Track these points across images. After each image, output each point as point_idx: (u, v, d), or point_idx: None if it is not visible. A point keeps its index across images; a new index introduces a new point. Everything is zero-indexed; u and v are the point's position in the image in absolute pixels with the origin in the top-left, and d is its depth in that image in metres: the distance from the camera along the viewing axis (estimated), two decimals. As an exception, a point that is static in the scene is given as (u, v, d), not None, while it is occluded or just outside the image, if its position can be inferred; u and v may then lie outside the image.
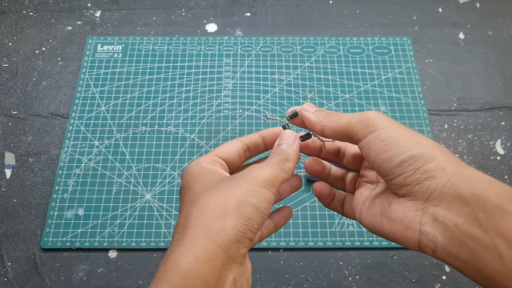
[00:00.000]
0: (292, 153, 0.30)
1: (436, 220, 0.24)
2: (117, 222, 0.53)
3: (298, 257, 0.51)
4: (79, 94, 0.62)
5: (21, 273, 0.50)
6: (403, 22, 0.69)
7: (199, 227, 0.24)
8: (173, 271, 0.23)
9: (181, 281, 0.23)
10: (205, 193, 0.26)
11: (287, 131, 0.31)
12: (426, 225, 0.25)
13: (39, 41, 0.67)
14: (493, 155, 0.58)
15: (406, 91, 0.62)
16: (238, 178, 0.27)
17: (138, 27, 0.69)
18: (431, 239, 0.25)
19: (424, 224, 0.25)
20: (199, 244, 0.24)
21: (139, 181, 0.55)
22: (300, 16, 0.70)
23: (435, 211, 0.24)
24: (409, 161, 0.25)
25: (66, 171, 0.56)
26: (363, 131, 0.27)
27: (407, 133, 0.26)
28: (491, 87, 0.63)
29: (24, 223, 0.53)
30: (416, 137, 0.26)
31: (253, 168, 0.27)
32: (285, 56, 0.65)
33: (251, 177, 0.26)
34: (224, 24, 0.69)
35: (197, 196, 0.27)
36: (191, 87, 0.63)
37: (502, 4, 0.71)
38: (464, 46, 0.67)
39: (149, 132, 0.59)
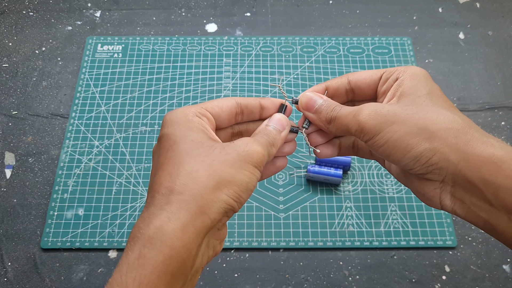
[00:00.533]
0: (279, 140, 0.29)
1: (454, 197, 0.26)
2: (117, 222, 0.53)
3: (298, 257, 0.51)
4: (79, 94, 0.62)
5: (21, 273, 0.50)
6: (403, 22, 0.69)
7: (190, 195, 0.24)
8: (159, 238, 0.22)
9: (167, 249, 0.22)
10: (195, 155, 0.25)
11: (280, 116, 0.30)
12: (445, 200, 0.27)
13: (39, 41, 0.67)
14: None
15: (406, 91, 0.62)
16: (232, 150, 0.26)
17: (138, 27, 0.69)
18: (451, 210, 0.27)
19: (444, 199, 0.27)
20: (189, 213, 0.23)
21: (139, 181, 0.55)
22: (300, 16, 0.70)
23: (451, 190, 0.26)
24: (413, 162, 0.26)
25: (66, 171, 0.56)
26: (362, 137, 0.28)
27: (403, 128, 0.26)
28: (491, 87, 0.63)
29: (24, 223, 0.53)
30: (414, 129, 0.26)
31: (247, 143, 0.27)
32: (285, 56, 0.65)
33: (246, 154, 0.26)
34: (224, 24, 0.69)
35: (184, 156, 0.25)
36: (191, 87, 0.63)
37: (502, 4, 0.71)
38: (464, 46, 0.67)
39: (149, 132, 0.59)
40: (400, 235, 0.52)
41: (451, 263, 0.51)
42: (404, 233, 0.52)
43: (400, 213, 0.53)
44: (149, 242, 0.22)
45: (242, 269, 0.51)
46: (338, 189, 0.55)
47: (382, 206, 0.54)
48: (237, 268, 0.51)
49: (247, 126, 0.32)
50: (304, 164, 0.57)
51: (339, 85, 0.32)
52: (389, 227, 0.53)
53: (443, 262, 0.51)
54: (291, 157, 0.57)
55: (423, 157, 0.26)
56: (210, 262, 0.51)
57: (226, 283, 0.50)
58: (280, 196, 0.55)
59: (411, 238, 0.52)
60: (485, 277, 0.50)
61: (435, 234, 0.52)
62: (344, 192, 0.55)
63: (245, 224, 0.53)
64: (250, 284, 0.50)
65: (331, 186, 0.55)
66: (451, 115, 0.26)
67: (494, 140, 0.25)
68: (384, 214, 0.53)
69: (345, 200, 0.54)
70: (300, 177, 0.56)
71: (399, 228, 0.53)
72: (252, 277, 0.50)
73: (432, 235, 0.52)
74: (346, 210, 0.54)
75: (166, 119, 0.28)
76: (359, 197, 0.55)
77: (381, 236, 0.52)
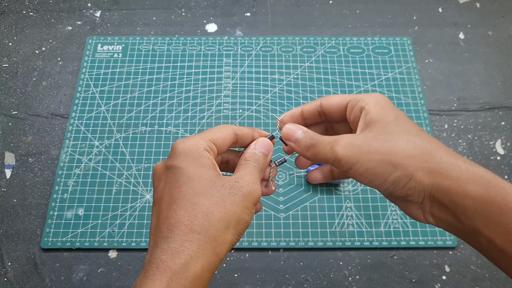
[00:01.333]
0: (266, 164, 0.33)
1: (434, 216, 0.29)
2: (117, 222, 0.53)
3: (298, 257, 0.51)
4: (79, 94, 0.62)
5: (21, 273, 0.50)
6: (403, 22, 0.69)
7: (207, 237, 0.27)
8: (184, 275, 0.26)
9: (190, 285, 0.26)
10: (209, 196, 0.28)
11: (265, 140, 0.34)
12: (428, 218, 0.29)
13: (39, 41, 0.67)
14: (493, 155, 0.58)
15: (406, 91, 0.62)
16: (238, 191, 0.29)
17: (138, 27, 0.69)
18: (436, 225, 0.29)
19: (427, 217, 0.29)
20: (206, 254, 0.27)
21: (139, 181, 0.55)
22: (300, 16, 0.70)
23: (431, 210, 0.28)
24: (392, 186, 0.28)
25: (66, 171, 0.56)
26: (341, 168, 0.29)
27: (378, 156, 0.28)
28: (491, 87, 0.63)
29: (24, 223, 0.53)
30: (388, 157, 0.28)
31: (249, 183, 0.30)
32: (285, 56, 0.65)
33: (248, 194, 0.29)
34: (224, 24, 0.69)
35: (200, 196, 0.28)
36: (191, 87, 0.63)
37: (502, 4, 0.71)
38: (464, 46, 0.67)
39: (149, 132, 0.59)
40: (400, 235, 0.52)
41: (451, 263, 0.51)
42: (404, 233, 0.52)
43: (400, 213, 0.53)
44: (176, 277, 0.25)
45: (242, 269, 0.51)
46: (338, 189, 0.55)
47: (382, 206, 0.54)
48: (237, 268, 0.51)
49: (233, 155, 0.36)
50: (304, 164, 0.57)
51: (312, 108, 0.34)
52: (389, 227, 0.53)
53: (443, 262, 0.51)
54: (292, 157, 0.57)
55: (400, 182, 0.27)
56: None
57: (226, 283, 0.50)
58: (280, 196, 0.55)
59: (411, 238, 0.52)
60: (485, 277, 0.50)
61: (435, 234, 0.52)
62: (344, 192, 0.55)
63: (245, 224, 0.53)
64: (250, 284, 0.50)
65: (331, 186, 0.55)
66: (420, 141, 0.28)
67: (461, 161, 0.27)
68: (384, 214, 0.53)
69: (345, 200, 0.54)
70: (300, 177, 0.56)
71: (399, 228, 0.53)
72: (252, 277, 0.50)
73: (432, 235, 0.52)
74: (346, 210, 0.54)
75: (178, 149, 0.30)
76: (359, 197, 0.55)
77: (381, 236, 0.52)
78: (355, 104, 0.32)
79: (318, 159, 0.31)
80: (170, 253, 0.26)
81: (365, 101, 0.31)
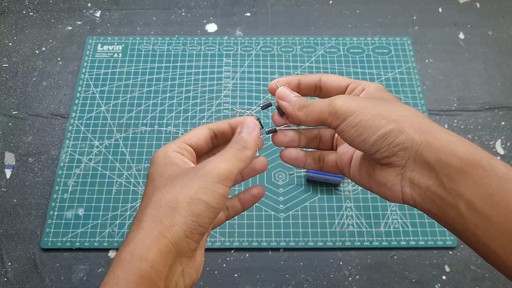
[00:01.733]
0: (251, 141, 0.31)
1: (413, 183, 0.28)
2: (117, 222, 0.53)
3: (298, 257, 0.51)
4: (79, 94, 0.62)
5: (21, 273, 0.50)
6: (403, 22, 0.69)
7: (152, 223, 0.27)
8: (128, 260, 0.25)
9: (136, 269, 0.25)
10: (162, 188, 0.28)
11: (248, 118, 0.32)
12: (405, 187, 0.29)
13: (39, 41, 0.67)
14: (493, 155, 0.58)
15: (406, 91, 0.62)
16: (192, 174, 0.28)
17: (138, 27, 0.69)
18: (410, 198, 0.29)
19: (404, 186, 0.29)
20: (152, 238, 0.26)
21: (139, 181, 0.55)
22: (300, 16, 0.70)
23: (411, 175, 0.28)
24: (381, 140, 0.28)
25: (66, 171, 0.56)
26: (335, 121, 0.29)
27: (374, 111, 0.28)
28: (491, 87, 0.63)
29: (24, 223, 0.53)
30: (384, 112, 0.28)
31: (208, 162, 0.28)
32: (285, 56, 0.65)
33: (204, 173, 0.28)
34: (224, 24, 0.69)
35: (155, 191, 0.28)
36: (191, 87, 0.63)
37: (502, 4, 0.71)
38: (464, 46, 0.67)
39: (149, 132, 0.59)
40: (400, 235, 0.52)
41: (451, 263, 0.51)
42: (404, 233, 0.52)
43: (400, 213, 0.53)
44: (120, 264, 0.26)
45: (242, 269, 0.51)
46: (338, 189, 0.55)
47: (382, 206, 0.54)
48: (237, 268, 0.51)
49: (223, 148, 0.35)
50: (304, 164, 0.57)
51: (310, 81, 0.34)
52: (389, 227, 0.53)
53: (443, 262, 0.51)
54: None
55: (390, 135, 0.28)
56: (210, 262, 0.51)
57: (226, 283, 0.50)
58: (280, 196, 0.55)
59: (411, 238, 0.52)
60: (485, 277, 0.50)
61: (435, 234, 0.52)
62: (344, 192, 0.55)
63: (245, 224, 0.53)
64: (250, 284, 0.50)
65: (331, 186, 0.55)
66: (415, 110, 0.29)
67: (452, 132, 0.28)
68: (384, 214, 0.53)
69: (345, 200, 0.54)
70: (300, 177, 0.56)
71: (399, 228, 0.53)
72: (252, 277, 0.50)
73: (432, 235, 0.52)
74: (346, 210, 0.54)
75: (152, 159, 0.31)
76: (359, 197, 0.54)
77: (381, 236, 0.52)
78: (356, 86, 0.33)
79: (310, 118, 0.31)
80: (122, 246, 0.27)
81: (367, 85, 0.32)
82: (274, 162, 0.57)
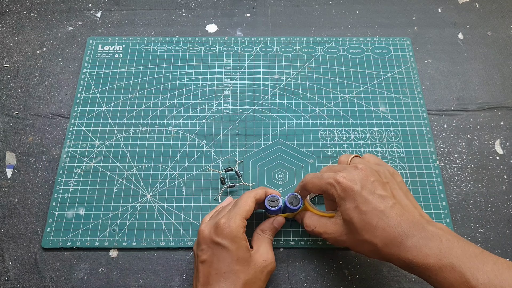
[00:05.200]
0: (276, 232, 0.50)
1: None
2: (118, 221, 0.53)
3: (298, 256, 0.52)
4: (79, 94, 0.62)
5: (22, 273, 0.50)
6: (402, 23, 0.70)
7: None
8: None
9: None
10: (246, 273, 0.41)
11: (282, 219, 0.49)
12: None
13: (40, 41, 0.67)
14: (492, 155, 0.58)
15: (405, 91, 0.63)
16: (264, 268, 0.44)
17: (139, 27, 0.69)
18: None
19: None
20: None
21: (139, 181, 0.56)
22: (300, 16, 0.70)
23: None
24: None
25: (67, 171, 0.56)
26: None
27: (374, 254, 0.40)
28: (490, 87, 0.64)
29: (25, 223, 0.53)
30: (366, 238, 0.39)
31: (271, 261, 0.45)
32: (285, 57, 0.66)
33: (270, 270, 0.45)
34: (224, 24, 0.69)
35: (240, 273, 0.41)
36: (191, 87, 0.63)
37: (501, 5, 0.71)
38: (464, 46, 0.67)
39: (149, 132, 0.59)
40: (400, 234, 0.52)
41: (451, 262, 0.51)
42: (403, 233, 0.52)
43: (399, 212, 0.54)
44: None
45: (242, 269, 0.51)
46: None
47: (382, 206, 0.54)
48: (237, 268, 0.51)
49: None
50: (304, 164, 0.57)
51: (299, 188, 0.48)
52: (389, 226, 0.53)
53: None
54: (292, 157, 0.57)
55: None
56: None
57: (226, 283, 0.50)
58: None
59: (411, 237, 0.52)
60: (484, 276, 0.51)
61: (435, 234, 0.52)
62: (344, 192, 0.55)
63: (245, 224, 0.53)
64: (250, 283, 0.50)
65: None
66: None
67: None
68: (383, 213, 0.53)
69: (345, 199, 0.54)
70: (300, 177, 0.56)
71: (398, 227, 0.53)
72: (252, 277, 0.50)
73: (431, 234, 0.52)
74: (346, 210, 0.54)
75: (225, 232, 0.41)
76: (358, 197, 0.55)
77: (381, 235, 0.52)
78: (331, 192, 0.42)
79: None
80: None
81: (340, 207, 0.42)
82: (274, 162, 0.57)
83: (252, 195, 0.45)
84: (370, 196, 0.38)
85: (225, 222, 0.42)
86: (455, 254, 0.34)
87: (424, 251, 0.35)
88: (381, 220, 0.37)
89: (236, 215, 0.42)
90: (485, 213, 0.54)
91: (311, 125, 0.60)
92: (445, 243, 0.35)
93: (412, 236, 0.36)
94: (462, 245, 0.35)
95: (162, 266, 0.51)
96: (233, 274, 0.40)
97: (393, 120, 0.60)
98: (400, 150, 0.58)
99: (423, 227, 0.36)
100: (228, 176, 0.56)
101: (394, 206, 0.38)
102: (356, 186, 0.39)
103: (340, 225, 0.41)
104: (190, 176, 0.56)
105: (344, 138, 0.59)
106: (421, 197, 0.54)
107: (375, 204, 0.38)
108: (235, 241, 0.41)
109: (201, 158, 0.57)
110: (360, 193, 0.38)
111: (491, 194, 0.55)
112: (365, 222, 0.38)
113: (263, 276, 0.43)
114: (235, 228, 0.41)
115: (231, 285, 0.39)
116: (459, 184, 0.56)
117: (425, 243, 0.35)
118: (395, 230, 0.36)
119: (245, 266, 0.41)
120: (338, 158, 0.47)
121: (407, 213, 0.38)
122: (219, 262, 0.40)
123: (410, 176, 0.56)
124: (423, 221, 0.37)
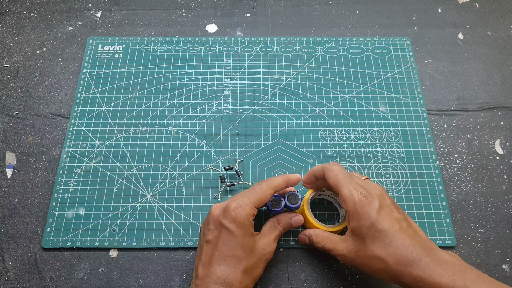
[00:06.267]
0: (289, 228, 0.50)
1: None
2: (118, 221, 0.53)
3: (298, 256, 0.52)
4: (79, 94, 0.62)
5: (22, 273, 0.50)
6: (402, 23, 0.70)
7: (227, 286, 0.40)
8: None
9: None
10: (248, 260, 0.42)
11: (300, 220, 0.49)
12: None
13: (40, 41, 0.67)
14: (492, 155, 0.58)
15: (405, 91, 0.63)
16: (263, 256, 0.44)
17: (139, 27, 0.69)
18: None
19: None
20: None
21: (139, 181, 0.56)
22: (300, 16, 0.70)
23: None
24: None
25: (67, 171, 0.56)
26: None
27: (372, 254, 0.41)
28: (490, 87, 0.64)
29: (25, 223, 0.53)
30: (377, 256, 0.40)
31: (272, 250, 0.46)
32: (285, 57, 0.66)
33: (268, 259, 0.46)
34: (224, 24, 0.69)
35: (242, 259, 0.42)
36: (191, 87, 0.63)
37: (501, 5, 0.71)
38: (464, 46, 0.67)
39: (149, 132, 0.59)
40: (400, 234, 0.52)
41: (451, 262, 0.51)
42: (403, 233, 0.52)
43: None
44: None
45: (242, 269, 0.51)
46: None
47: (382, 206, 0.54)
48: (237, 268, 0.51)
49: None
50: (304, 164, 0.57)
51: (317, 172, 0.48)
52: (389, 226, 0.53)
53: None
54: (292, 157, 0.57)
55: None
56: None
57: (226, 283, 0.50)
58: (280, 195, 0.55)
59: (411, 237, 0.52)
60: (484, 276, 0.51)
61: (435, 234, 0.52)
62: (344, 192, 0.55)
63: (245, 224, 0.53)
64: (250, 283, 0.50)
65: (331, 185, 0.55)
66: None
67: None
68: (383, 213, 0.53)
69: (344, 199, 0.54)
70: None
71: (398, 227, 0.53)
72: (252, 277, 0.50)
73: (431, 234, 0.52)
74: (345, 210, 0.54)
75: (232, 216, 0.41)
76: (358, 197, 0.55)
77: (381, 235, 0.52)
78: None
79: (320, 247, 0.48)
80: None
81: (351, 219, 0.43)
82: (274, 162, 0.57)
83: (273, 186, 0.45)
84: (386, 216, 0.40)
85: (236, 207, 0.42)
86: (469, 277, 0.36)
87: (438, 270, 0.36)
88: (395, 239, 0.39)
89: (249, 203, 0.42)
90: (485, 213, 0.54)
91: (311, 125, 0.60)
92: (459, 267, 0.37)
93: (426, 257, 0.38)
94: (476, 272, 0.37)
95: (162, 266, 0.51)
96: (235, 259, 0.40)
97: (393, 120, 0.60)
98: (400, 150, 0.58)
99: (436, 252, 0.39)
100: (228, 175, 0.56)
101: (408, 228, 0.40)
102: (374, 205, 0.41)
103: (350, 242, 0.43)
104: (190, 176, 0.56)
105: (344, 138, 0.59)
106: (421, 197, 0.54)
107: (391, 224, 0.40)
108: (241, 227, 0.41)
109: (201, 158, 0.57)
110: (378, 212, 0.40)
111: (491, 194, 0.55)
112: (378, 240, 0.39)
113: (262, 263, 0.43)
114: (244, 215, 0.41)
115: (231, 269, 0.40)
116: (459, 184, 0.56)
117: (439, 264, 0.37)
118: (409, 249, 0.38)
119: (247, 253, 0.41)
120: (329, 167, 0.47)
121: (419, 237, 0.40)
122: (223, 245, 0.41)
123: (410, 176, 0.56)
124: (435, 247, 0.40)
